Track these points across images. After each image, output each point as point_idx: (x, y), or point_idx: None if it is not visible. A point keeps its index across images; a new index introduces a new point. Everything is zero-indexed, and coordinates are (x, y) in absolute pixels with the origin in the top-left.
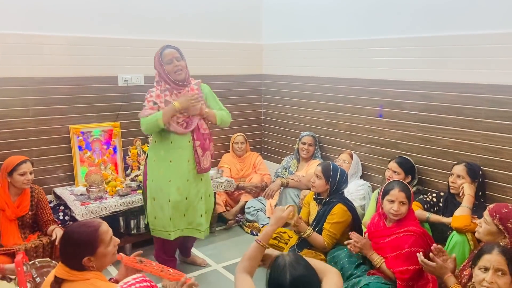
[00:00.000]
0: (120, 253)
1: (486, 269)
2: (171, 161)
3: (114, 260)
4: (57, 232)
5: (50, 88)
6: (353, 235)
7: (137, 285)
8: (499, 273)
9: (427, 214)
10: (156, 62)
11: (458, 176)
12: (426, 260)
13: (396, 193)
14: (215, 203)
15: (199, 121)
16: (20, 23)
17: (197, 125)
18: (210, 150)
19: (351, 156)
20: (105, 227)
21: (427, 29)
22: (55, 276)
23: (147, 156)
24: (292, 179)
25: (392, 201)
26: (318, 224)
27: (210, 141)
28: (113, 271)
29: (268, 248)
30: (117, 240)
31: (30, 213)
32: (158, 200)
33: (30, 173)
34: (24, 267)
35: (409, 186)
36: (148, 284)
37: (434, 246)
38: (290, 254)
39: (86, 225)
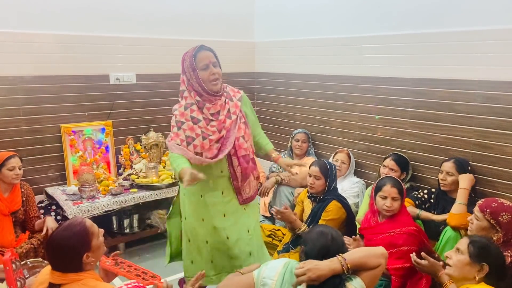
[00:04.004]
0: None
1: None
2: (201, 196)
3: (105, 251)
4: (48, 222)
5: (41, 87)
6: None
7: None
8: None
9: (417, 211)
10: (188, 66)
11: (448, 173)
12: (418, 260)
13: (388, 189)
14: None
15: (237, 141)
16: (9, 21)
17: (235, 145)
18: (254, 174)
19: (349, 156)
20: (88, 221)
21: (419, 26)
22: (50, 283)
23: (179, 188)
24: (287, 176)
25: (385, 197)
26: (313, 221)
27: (254, 162)
28: None
29: None
30: (101, 230)
31: (22, 208)
32: (193, 241)
33: (19, 168)
34: (13, 265)
35: (401, 181)
36: None
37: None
38: (327, 226)
39: (71, 226)
